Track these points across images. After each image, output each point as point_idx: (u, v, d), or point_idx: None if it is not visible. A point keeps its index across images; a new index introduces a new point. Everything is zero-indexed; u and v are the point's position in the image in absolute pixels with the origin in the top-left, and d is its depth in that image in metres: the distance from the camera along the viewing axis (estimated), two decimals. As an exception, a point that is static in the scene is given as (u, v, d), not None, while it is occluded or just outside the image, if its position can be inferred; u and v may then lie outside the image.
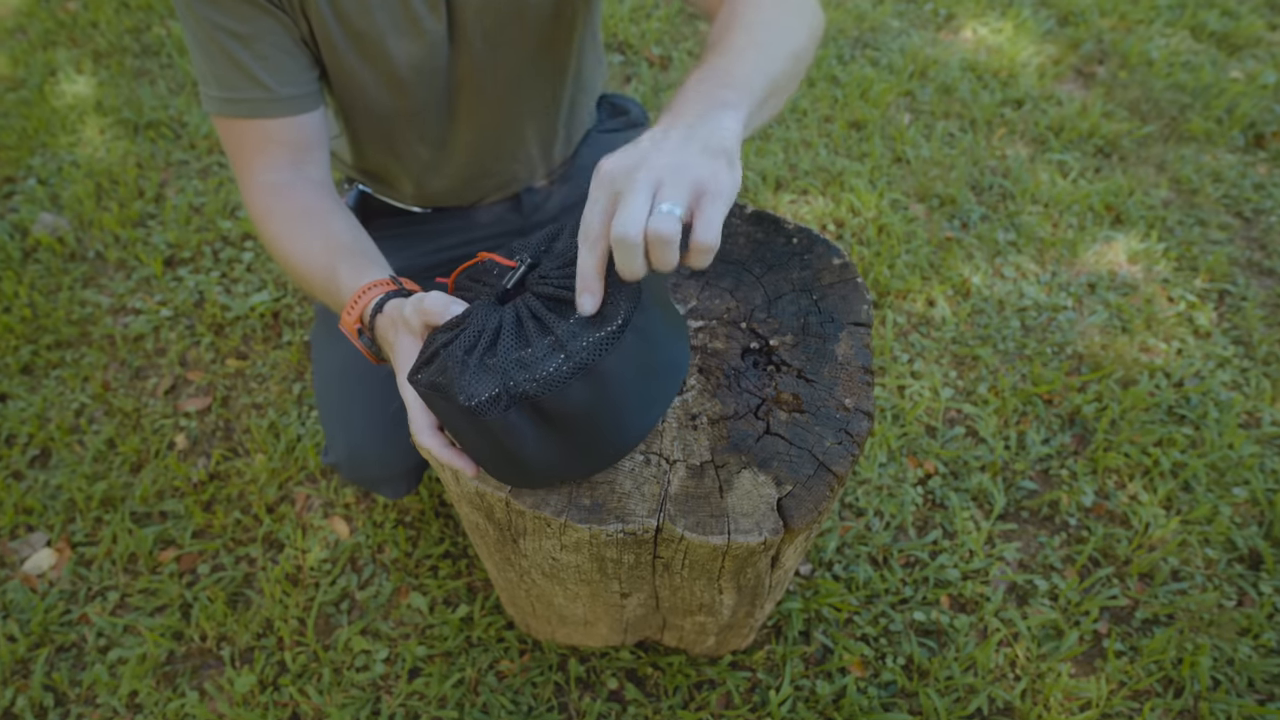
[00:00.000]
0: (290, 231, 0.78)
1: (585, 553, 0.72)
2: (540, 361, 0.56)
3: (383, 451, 0.98)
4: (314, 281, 0.77)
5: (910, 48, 2.31)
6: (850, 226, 1.81)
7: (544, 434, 0.59)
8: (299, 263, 0.77)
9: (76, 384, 1.50)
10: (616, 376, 0.58)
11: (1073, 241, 1.78)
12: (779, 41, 0.65)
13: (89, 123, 2.04)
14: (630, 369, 0.59)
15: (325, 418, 1.01)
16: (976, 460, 1.40)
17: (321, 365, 1.03)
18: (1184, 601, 1.24)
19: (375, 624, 1.20)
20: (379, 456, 0.98)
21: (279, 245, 0.79)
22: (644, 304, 0.59)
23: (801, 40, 0.67)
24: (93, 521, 1.32)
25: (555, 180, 1.09)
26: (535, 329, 0.58)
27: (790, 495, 0.68)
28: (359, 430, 0.97)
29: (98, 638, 1.19)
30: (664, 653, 1.16)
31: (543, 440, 0.59)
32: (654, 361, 0.62)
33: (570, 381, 0.55)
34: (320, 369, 1.03)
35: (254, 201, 0.80)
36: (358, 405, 0.98)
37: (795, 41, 0.66)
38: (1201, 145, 2.06)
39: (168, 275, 1.69)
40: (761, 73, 0.61)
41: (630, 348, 0.57)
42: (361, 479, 1.02)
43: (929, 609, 1.22)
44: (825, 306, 0.82)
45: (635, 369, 0.60)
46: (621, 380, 0.59)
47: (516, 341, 0.58)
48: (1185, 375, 1.54)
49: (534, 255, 0.65)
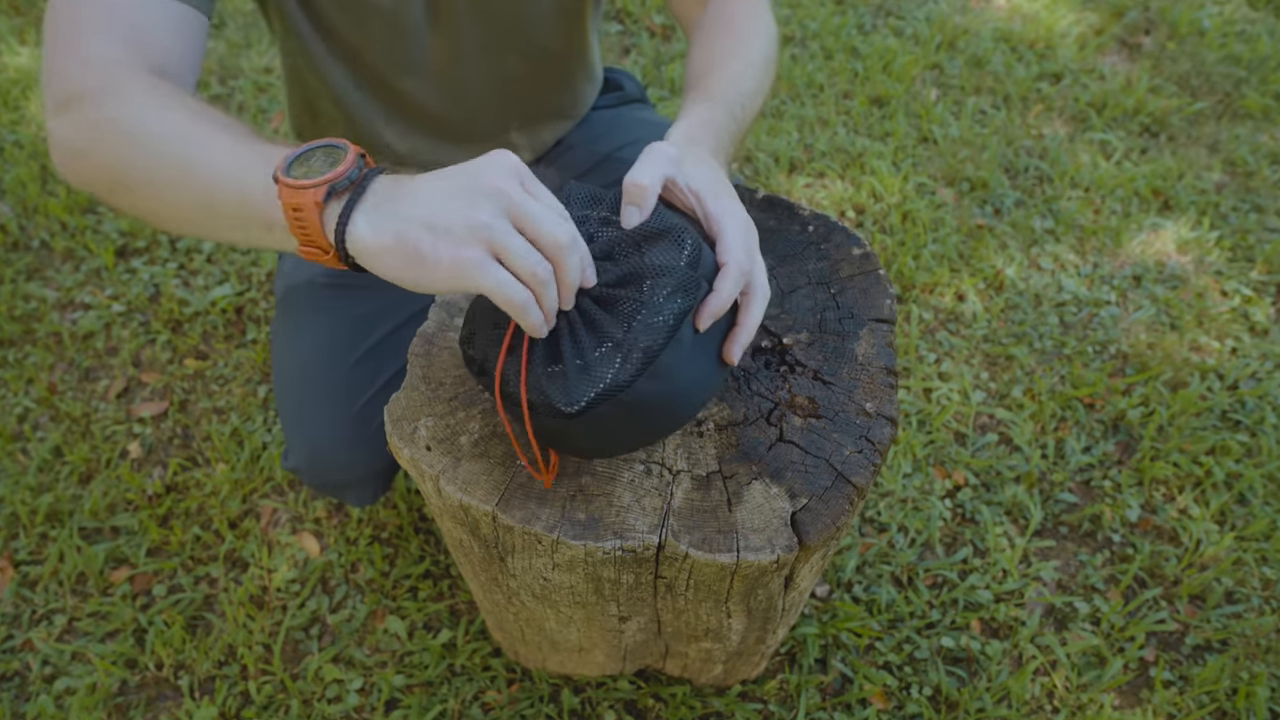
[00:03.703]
0: (164, 105, 0.60)
1: (580, 572, 0.72)
2: (604, 360, 0.61)
3: (347, 453, 0.98)
4: (215, 168, 0.57)
5: (938, 16, 2.32)
6: (871, 213, 1.81)
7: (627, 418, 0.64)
8: (189, 145, 0.58)
9: (19, 386, 1.50)
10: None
11: (1116, 230, 1.78)
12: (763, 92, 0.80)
13: (32, 99, 2.04)
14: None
15: (284, 418, 1.01)
16: (1011, 470, 1.40)
17: (281, 360, 1.03)
18: (1239, 626, 1.24)
19: (348, 651, 1.20)
20: (342, 459, 0.98)
21: (142, 125, 0.59)
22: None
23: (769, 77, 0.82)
24: (37, 538, 1.32)
25: (544, 161, 1.09)
26: (605, 320, 0.62)
27: (805, 509, 0.68)
28: (320, 431, 0.97)
29: (43, 666, 1.19)
30: (666, 683, 1.16)
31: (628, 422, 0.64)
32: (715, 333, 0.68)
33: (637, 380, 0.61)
34: (280, 364, 1.03)
35: (89, 75, 0.61)
36: (319, 403, 0.98)
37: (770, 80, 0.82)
38: (1258, 123, 2.06)
39: (120, 267, 1.69)
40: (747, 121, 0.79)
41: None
42: (324, 484, 1.02)
43: (958, 634, 1.22)
44: (844, 301, 0.83)
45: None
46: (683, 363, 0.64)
47: (589, 339, 0.62)
48: (1240, 377, 1.54)
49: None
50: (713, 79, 0.76)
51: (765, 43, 0.81)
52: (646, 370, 0.60)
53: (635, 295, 0.61)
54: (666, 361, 0.61)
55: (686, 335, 0.62)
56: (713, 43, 0.81)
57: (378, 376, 0.99)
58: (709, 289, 0.63)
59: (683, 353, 0.62)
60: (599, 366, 0.60)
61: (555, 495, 0.69)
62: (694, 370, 0.64)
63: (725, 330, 0.66)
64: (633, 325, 0.60)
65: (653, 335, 0.60)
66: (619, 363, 0.60)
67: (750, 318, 0.65)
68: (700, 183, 0.65)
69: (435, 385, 0.75)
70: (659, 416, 0.65)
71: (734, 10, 0.83)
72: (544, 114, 1.05)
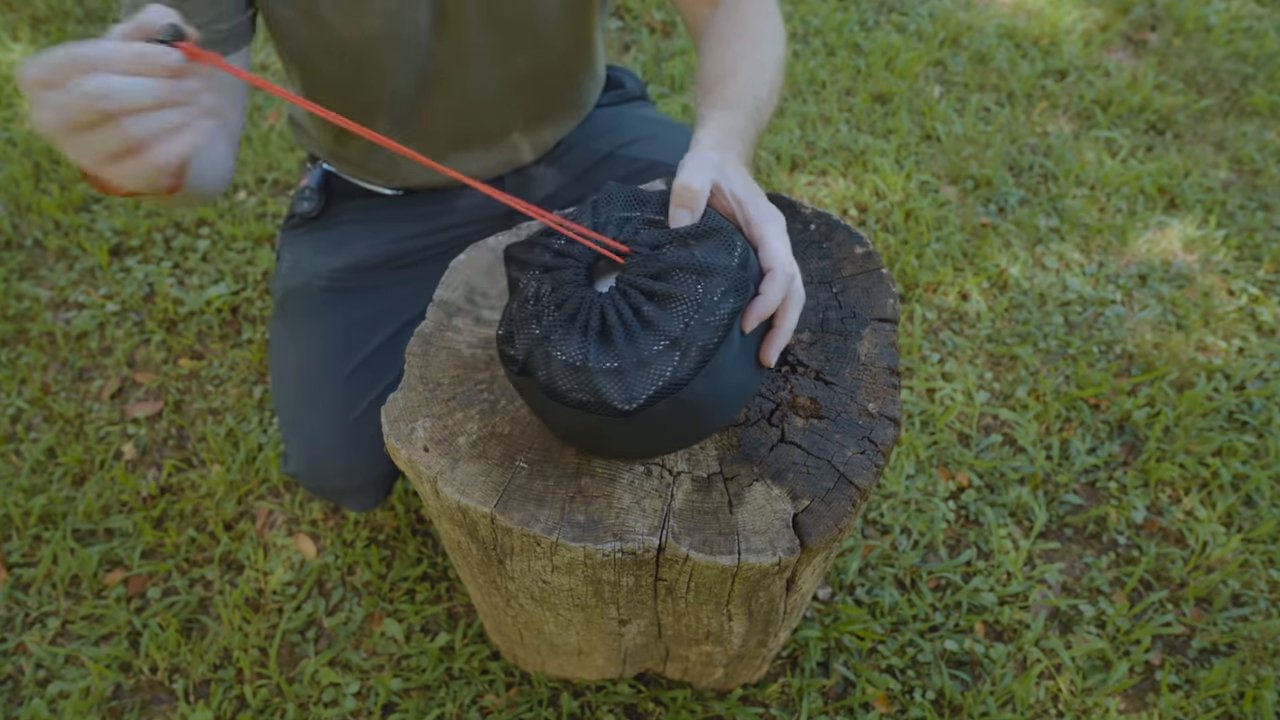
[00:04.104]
0: None
1: (579, 575, 0.72)
2: (658, 358, 0.61)
3: (346, 459, 0.98)
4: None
5: (941, 12, 2.32)
6: (874, 211, 1.81)
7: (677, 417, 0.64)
8: None
9: (12, 387, 1.50)
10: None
11: (1122, 228, 1.78)
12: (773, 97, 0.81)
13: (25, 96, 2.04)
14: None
15: (283, 423, 1.01)
16: (1015, 472, 1.40)
17: (279, 365, 1.03)
18: (1246, 629, 1.24)
19: (345, 654, 1.20)
20: (341, 465, 0.98)
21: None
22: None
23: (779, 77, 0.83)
24: (30, 540, 1.32)
25: (544, 161, 1.09)
26: (654, 314, 0.62)
27: (807, 511, 0.68)
28: (318, 436, 0.98)
29: (36, 669, 1.19)
30: (667, 686, 1.16)
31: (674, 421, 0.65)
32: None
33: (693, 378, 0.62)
34: (277, 369, 1.03)
35: None
36: (317, 409, 0.98)
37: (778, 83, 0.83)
38: (1265, 121, 2.06)
39: (114, 266, 1.69)
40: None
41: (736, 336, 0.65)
42: (324, 490, 1.03)
43: (962, 637, 1.22)
44: (846, 300, 0.82)
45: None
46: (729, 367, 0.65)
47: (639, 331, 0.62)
48: (1248, 377, 1.54)
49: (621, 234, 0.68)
50: (730, 84, 0.77)
51: (776, 44, 0.82)
52: (703, 369, 0.61)
53: (690, 294, 0.61)
54: (719, 361, 0.62)
55: (735, 336, 0.63)
56: (726, 46, 0.81)
57: (376, 383, 0.99)
58: (756, 292, 0.64)
59: (732, 353, 0.63)
60: (658, 362, 0.61)
61: (554, 497, 0.68)
62: (739, 372, 0.65)
63: (761, 334, 0.67)
64: (690, 324, 0.61)
65: (709, 334, 0.61)
66: (677, 359, 0.61)
67: (788, 320, 0.67)
68: (741, 188, 0.67)
69: (433, 386, 0.75)
70: (704, 418, 0.66)
71: (745, 12, 0.83)
72: (548, 114, 1.05)
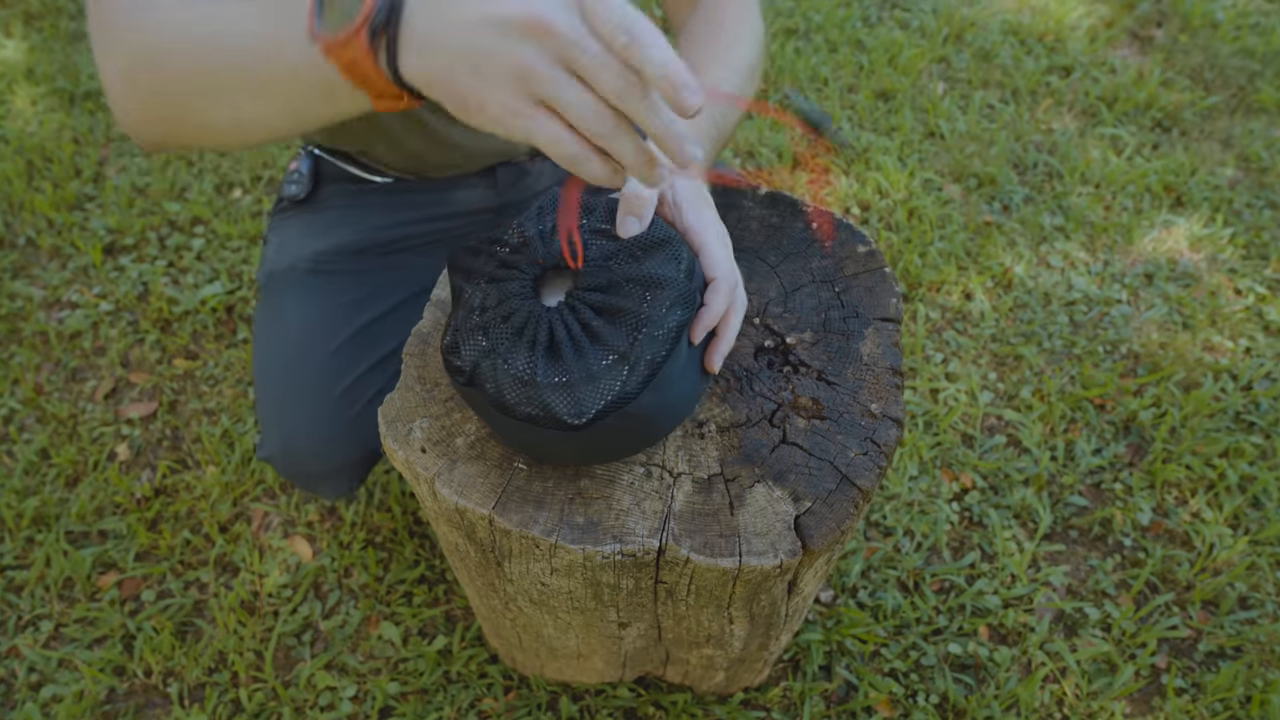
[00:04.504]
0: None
1: (578, 577, 0.72)
2: (607, 372, 0.62)
3: (323, 443, 0.97)
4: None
5: (944, 8, 2.31)
6: (877, 209, 1.81)
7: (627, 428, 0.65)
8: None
9: (5, 387, 1.50)
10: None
11: (1127, 226, 1.78)
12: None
13: (19, 92, 2.04)
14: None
15: (260, 405, 1.01)
16: (1019, 473, 1.40)
17: (260, 346, 1.02)
18: (1253, 632, 1.24)
19: (342, 657, 1.20)
20: (317, 449, 0.98)
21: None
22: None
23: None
24: (23, 542, 1.31)
25: (540, 155, 1.09)
26: (604, 330, 0.63)
27: (809, 512, 0.68)
28: (296, 419, 0.97)
29: (29, 673, 1.19)
30: (667, 690, 1.16)
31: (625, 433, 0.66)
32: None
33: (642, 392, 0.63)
34: (259, 351, 1.02)
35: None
36: (295, 391, 0.97)
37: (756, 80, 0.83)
38: (1273, 118, 2.05)
39: (108, 264, 1.69)
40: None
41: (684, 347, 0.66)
42: (298, 474, 1.02)
43: (966, 641, 1.22)
44: (849, 300, 0.82)
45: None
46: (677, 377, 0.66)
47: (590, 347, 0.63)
48: (1255, 377, 1.54)
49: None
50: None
51: (750, 48, 0.82)
52: (651, 382, 0.62)
53: (637, 307, 0.62)
54: (666, 373, 0.63)
55: (683, 348, 0.64)
56: (700, 49, 0.81)
57: (357, 364, 0.98)
58: (700, 302, 0.65)
59: (679, 364, 0.64)
60: (606, 377, 0.61)
61: (553, 498, 0.68)
62: (686, 382, 0.66)
63: (707, 342, 0.68)
64: (638, 338, 0.61)
65: (657, 347, 0.62)
66: (625, 373, 0.61)
67: (731, 329, 0.68)
68: (683, 194, 0.67)
69: (431, 386, 0.75)
70: (652, 428, 0.67)
71: (724, 16, 0.84)
72: None
